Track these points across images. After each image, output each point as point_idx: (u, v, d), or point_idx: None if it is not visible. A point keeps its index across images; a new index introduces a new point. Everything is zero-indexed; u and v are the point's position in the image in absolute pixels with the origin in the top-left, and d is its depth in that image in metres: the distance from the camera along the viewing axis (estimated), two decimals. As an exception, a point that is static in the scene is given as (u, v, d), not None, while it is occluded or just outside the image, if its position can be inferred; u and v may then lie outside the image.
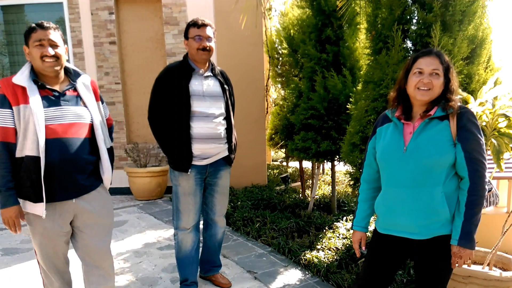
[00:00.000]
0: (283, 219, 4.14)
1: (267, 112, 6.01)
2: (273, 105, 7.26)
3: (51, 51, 1.88)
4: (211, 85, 2.57)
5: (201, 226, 2.81)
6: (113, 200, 2.48)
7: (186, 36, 2.53)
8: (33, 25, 1.91)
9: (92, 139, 2.03)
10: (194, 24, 2.48)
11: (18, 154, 1.86)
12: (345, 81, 3.82)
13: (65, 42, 2.04)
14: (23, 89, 1.86)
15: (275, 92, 7.60)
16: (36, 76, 1.93)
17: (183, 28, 5.28)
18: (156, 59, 5.65)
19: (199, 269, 2.85)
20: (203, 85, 2.52)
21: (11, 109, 1.85)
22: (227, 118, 2.64)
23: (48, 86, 1.93)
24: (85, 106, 2.02)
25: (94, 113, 2.03)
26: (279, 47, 6.18)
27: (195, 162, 2.51)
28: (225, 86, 2.64)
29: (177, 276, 2.88)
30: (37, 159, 1.83)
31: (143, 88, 5.70)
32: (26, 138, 1.84)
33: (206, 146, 2.53)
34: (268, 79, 5.80)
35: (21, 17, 5.62)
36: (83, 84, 2.05)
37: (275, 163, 9.65)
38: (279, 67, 5.83)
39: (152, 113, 2.55)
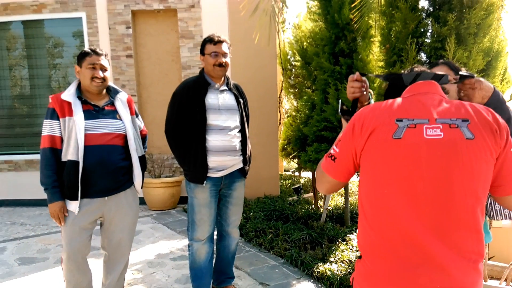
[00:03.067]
0: (296, 231, 4.12)
1: (280, 123, 6.03)
2: (286, 115, 7.28)
3: (101, 74, 2.24)
4: (227, 98, 2.62)
5: (214, 237, 2.82)
6: None
7: (203, 52, 2.59)
8: (89, 50, 2.28)
9: (125, 148, 2.37)
10: (210, 40, 2.54)
11: (63, 158, 2.23)
12: (358, 93, 3.81)
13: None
14: (69, 104, 2.23)
15: (288, 103, 7.63)
16: (80, 93, 2.30)
17: (199, 42, 5.44)
18: (172, 72, 5.74)
19: (212, 281, 2.85)
20: (218, 99, 2.58)
21: (59, 120, 2.23)
22: (242, 131, 2.68)
23: (90, 102, 2.29)
24: (121, 119, 2.35)
25: (128, 126, 2.36)
26: (292, 58, 6.24)
27: (211, 174, 2.55)
28: (240, 99, 2.70)
29: (190, 287, 2.89)
30: (76, 163, 2.20)
31: (158, 100, 5.80)
32: (69, 145, 2.21)
33: (222, 159, 2.57)
34: (282, 90, 5.83)
35: (41, 31, 5.79)
36: (120, 100, 2.40)
37: (287, 173, 9.63)
38: (292, 78, 5.87)
39: (169, 127, 2.61)
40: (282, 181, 7.57)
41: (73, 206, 2.23)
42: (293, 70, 6.63)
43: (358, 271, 1.25)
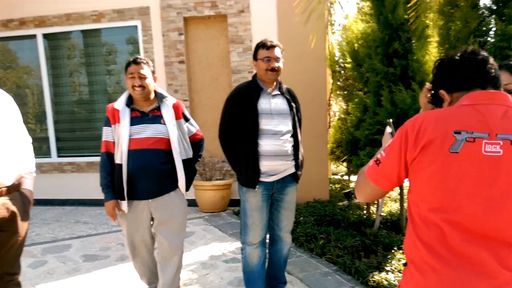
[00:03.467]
0: (348, 237, 4.03)
1: (329, 126, 5.95)
2: (336, 118, 7.18)
3: (138, 82, 2.38)
4: (279, 103, 2.62)
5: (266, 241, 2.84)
6: None
7: (255, 57, 2.61)
8: (130, 60, 2.43)
9: (170, 151, 2.45)
10: (263, 45, 2.55)
11: (116, 161, 2.44)
12: (414, 95, 3.69)
13: (153, 71, 2.48)
14: (119, 111, 2.43)
15: (336, 105, 7.52)
16: (130, 101, 2.48)
17: (248, 46, 5.52)
18: (222, 76, 5.85)
19: (264, 285, 2.86)
20: (271, 104, 2.58)
21: (111, 127, 2.46)
22: (294, 135, 2.68)
23: (137, 108, 2.47)
24: (165, 123, 2.45)
25: (171, 130, 2.44)
26: (341, 60, 6.12)
27: (263, 179, 2.57)
28: (292, 103, 2.68)
29: (243, 290, 2.93)
30: (121, 166, 2.39)
31: (208, 104, 5.93)
32: (118, 149, 2.42)
33: (274, 163, 2.57)
34: (331, 93, 5.75)
35: (98, 39, 6.11)
36: (166, 105, 2.51)
37: (335, 177, 9.46)
38: (340, 80, 5.77)
39: (222, 131, 2.66)
40: (331, 185, 7.45)
41: (124, 205, 2.45)
42: (342, 72, 6.52)
43: (406, 280, 1.23)
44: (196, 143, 2.66)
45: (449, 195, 1.11)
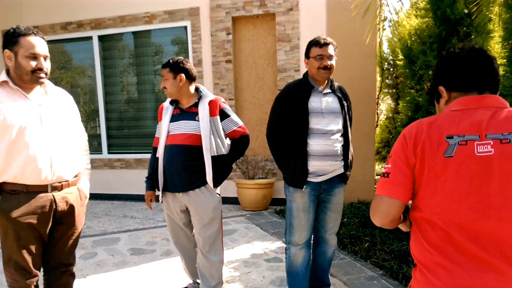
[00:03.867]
0: (395, 241, 3.87)
1: (376, 125, 5.76)
2: (383, 117, 6.95)
3: (163, 84, 2.58)
4: (330, 101, 2.55)
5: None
6: (222, 209, 2.76)
7: (307, 55, 2.55)
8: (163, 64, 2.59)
9: (201, 147, 2.53)
10: (316, 43, 2.49)
11: (157, 155, 2.66)
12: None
13: (180, 71, 2.56)
14: (164, 109, 2.67)
15: (383, 104, 7.27)
16: (174, 100, 2.66)
17: (295, 44, 5.47)
18: (267, 75, 5.84)
19: (308, 287, 2.80)
20: (322, 102, 2.52)
21: (159, 123, 2.72)
22: (345, 135, 2.60)
23: (179, 106, 2.63)
24: (198, 120, 2.52)
25: (203, 126, 2.50)
26: (390, 57, 5.90)
27: (310, 179, 2.50)
28: (344, 102, 2.60)
29: (285, 290, 2.89)
30: (158, 160, 2.62)
31: (253, 103, 5.94)
32: (160, 145, 2.62)
33: (322, 163, 2.51)
34: (380, 91, 5.56)
35: (149, 40, 6.31)
36: (203, 102, 2.58)
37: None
38: (389, 78, 5.56)
39: (270, 130, 2.62)
40: (375, 186, 7.23)
41: (160, 196, 2.70)
42: (391, 69, 6.29)
43: (417, 281, 1.26)
44: (236, 140, 2.66)
45: (448, 198, 1.16)
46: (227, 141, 2.70)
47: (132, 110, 6.58)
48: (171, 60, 2.54)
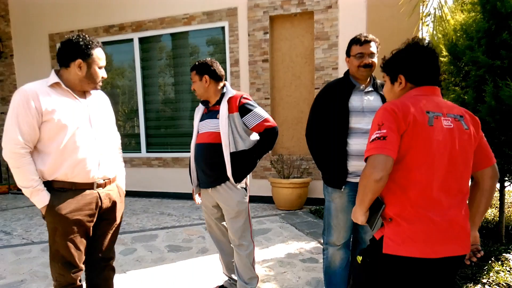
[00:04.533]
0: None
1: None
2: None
3: (192, 86, 2.70)
4: (372, 100, 2.47)
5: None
6: (256, 208, 2.80)
7: (348, 54, 2.50)
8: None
9: (221, 144, 2.58)
10: (356, 41, 2.44)
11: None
12: (524, 91, 3.24)
13: (204, 72, 2.65)
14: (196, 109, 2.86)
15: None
16: (205, 100, 2.74)
17: (334, 42, 5.39)
18: (304, 74, 5.79)
19: (346, 289, 2.73)
20: (363, 101, 2.45)
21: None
22: None
23: (208, 105, 2.72)
24: (218, 118, 2.59)
25: (221, 124, 2.55)
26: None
27: (350, 179, 2.43)
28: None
29: (322, 291, 2.83)
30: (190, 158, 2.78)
31: (289, 102, 5.89)
32: (191, 143, 2.76)
33: (362, 164, 2.42)
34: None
35: (186, 41, 6.42)
36: (224, 100, 2.62)
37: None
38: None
39: (310, 129, 2.59)
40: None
41: (194, 190, 2.87)
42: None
43: (393, 231, 1.57)
44: (262, 134, 2.63)
45: (430, 157, 1.52)
46: (253, 137, 2.69)
47: (170, 110, 6.71)
48: (196, 63, 2.64)
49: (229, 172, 2.57)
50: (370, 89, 2.50)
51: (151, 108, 6.78)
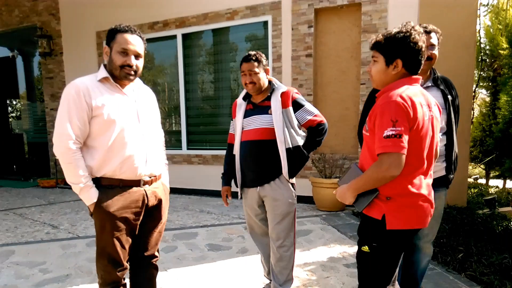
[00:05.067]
0: (494, 252, 3.44)
1: (471, 122, 5.20)
2: (476, 113, 6.29)
3: (249, 79, 2.50)
4: (432, 96, 2.29)
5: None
6: (296, 208, 2.66)
7: None
8: (244, 57, 2.54)
9: (275, 140, 2.47)
10: None
11: (234, 152, 2.66)
12: None
13: (266, 65, 2.58)
14: (238, 106, 2.67)
15: (476, 99, 6.58)
16: (248, 94, 2.64)
17: (383, 35, 5.08)
18: (350, 69, 5.56)
19: (396, 298, 2.56)
20: None
21: (232, 120, 2.74)
22: (448, 133, 2.32)
23: (252, 101, 2.61)
24: (271, 113, 2.48)
25: (276, 119, 2.45)
26: (488, 47, 5.32)
27: None
28: (448, 96, 2.32)
29: (369, 300, 2.66)
30: (235, 157, 2.63)
31: (333, 99, 5.69)
32: (235, 142, 2.64)
33: None
34: (477, 85, 5.00)
35: (228, 37, 6.36)
36: (275, 95, 2.52)
37: (469, 180, 8.39)
38: (485, 70, 4.99)
39: (360, 128, 2.51)
40: (469, 190, 6.57)
41: (239, 192, 2.71)
42: (487, 60, 5.66)
43: (391, 209, 1.72)
44: (313, 128, 2.57)
45: (423, 144, 1.70)
46: (302, 132, 2.62)
47: (210, 107, 6.71)
48: (256, 54, 2.52)
49: (285, 169, 2.50)
50: (429, 84, 2.32)
51: (192, 105, 6.80)
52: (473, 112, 5.42)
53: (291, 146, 2.49)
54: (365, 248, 1.82)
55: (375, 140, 1.67)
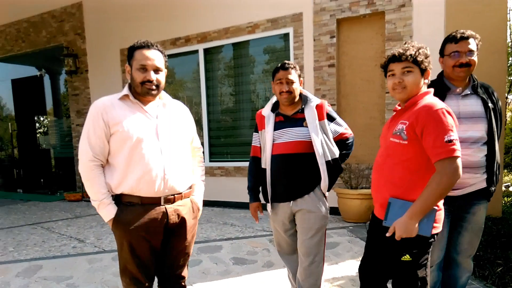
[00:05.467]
0: (536, 267, 3.24)
1: (504, 128, 4.99)
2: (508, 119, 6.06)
3: (286, 88, 2.37)
4: (470, 104, 2.21)
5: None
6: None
7: (442, 53, 2.27)
8: (278, 66, 2.43)
9: (311, 154, 2.36)
10: (451, 39, 2.21)
11: (263, 165, 2.51)
12: None
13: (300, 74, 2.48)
14: (264, 117, 2.50)
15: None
16: (276, 106, 2.51)
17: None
18: (374, 78, 5.47)
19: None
20: (459, 106, 2.19)
21: (258, 132, 2.57)
22: (489, 142, 2.20)
23: (282, 113, 2.47)
24: (307, 126, 2.36)
25: (313, 132, 2.34)
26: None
27: None
28: (489, 104, 2.22)
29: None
30: (265, 170, 2.47)
31: (357, 108, 5.60)
32: (263, 155, 2.50)
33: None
34: (509, 91, 4.82)
35: (248, 50, 6.37)
36: (310, 107, 2.41)
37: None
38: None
39: None
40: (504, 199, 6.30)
41: (268, 207, 2.55)
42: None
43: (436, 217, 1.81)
44: (343, 141, 2.51)
45: None
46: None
47: (231, 120, 6.71)
48: (293, 63, 2.44)
49: (325, 182, 2.38)
50: (468, 91, 2.22)
51: (213, 118, 6.82)
52: (505, 119, 5.23)
53: (330, 158, 2.40)
54: (406, 257, 1.78)
55: (428, 147, 1.69)
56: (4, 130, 10.27)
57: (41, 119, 10.65)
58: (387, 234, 1.76)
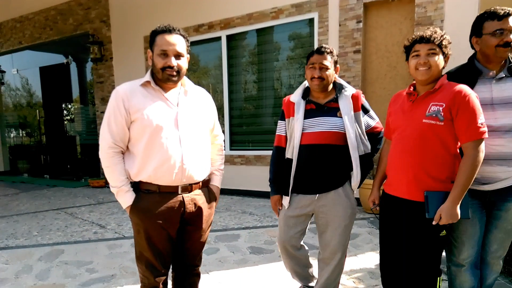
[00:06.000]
0: None
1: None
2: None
3: (318, 73, 2.21)
4: (506, 88, 1.98)
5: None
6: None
7: (479, 33, 2.02)
8: (314, 49, 2.28)
9: (344, 146, 2.23)
10: (492, 15, 1.95)
11: (287, 155, 2.35)
12: None
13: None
14: (294, 104, 2.33)
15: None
16: (306, 93, 2.35)
17: (438, 28, 4.71)
18: (401, 64, 5.25)
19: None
20: (492, 91, 1.98)
21: (284, 120, 2.40)
22: None
23: (313, 100, 2.31)
24: (341, 117, 2.23)
25: (348, 124, 2.21)
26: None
27: (472, 186, 1.97)
28: None
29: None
30: (291, 161, 2.31)
31: (383, 95, 5.40)
32: (289, 144, 2.34)
33: (489, 169, 1.98)
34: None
35: (273, 36, 6.24)
36: (345, 96, 2.27)
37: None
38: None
39: None
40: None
41: (285, 201, 2.39)
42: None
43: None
44: (375, 135, 2.38)
45: None
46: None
47: (253, 107, 6.63)
48: (330, 47, 2.28)
49: (357, 177, 2.27)
50: (503, 74, 1.99)
51: (235, 106, 6.76)
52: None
53: (364, 153, 2.28)
54: (444, 233, 1.97)
55: (462, 128, 1.82)
56: (33, 117, 10.55)
57: (68, 106, 10.89)
58: (434, 222, 1.88)
